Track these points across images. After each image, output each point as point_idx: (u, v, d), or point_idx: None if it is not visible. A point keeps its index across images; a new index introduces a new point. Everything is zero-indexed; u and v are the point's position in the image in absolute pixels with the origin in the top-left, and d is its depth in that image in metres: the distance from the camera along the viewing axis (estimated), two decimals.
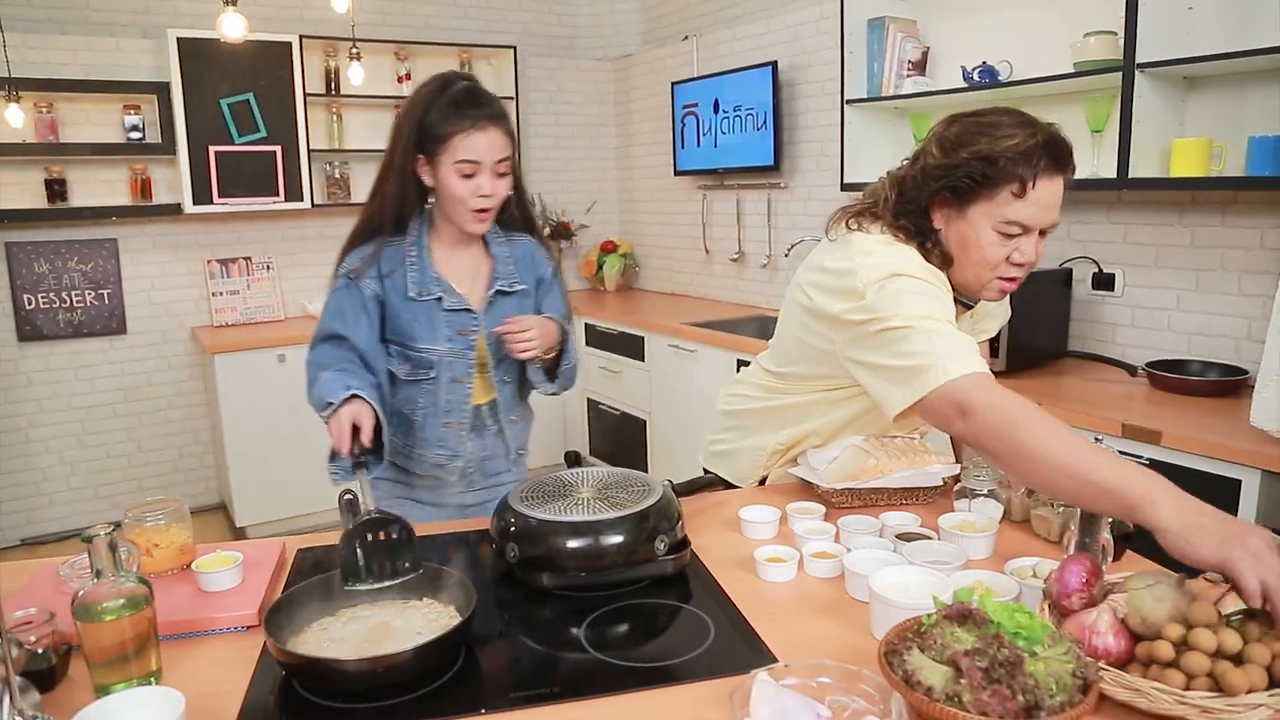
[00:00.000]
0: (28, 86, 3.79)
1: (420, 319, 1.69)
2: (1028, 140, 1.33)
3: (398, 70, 4.68)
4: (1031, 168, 1.33)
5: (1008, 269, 1.42)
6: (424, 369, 1.71)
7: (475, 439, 1.79)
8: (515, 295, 1.77)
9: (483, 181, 1.62)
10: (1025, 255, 1.40)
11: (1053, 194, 1.36)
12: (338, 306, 1.67)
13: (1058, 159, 1.35)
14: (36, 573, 1.38)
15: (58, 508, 4.22)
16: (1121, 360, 2.68)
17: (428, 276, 1.69)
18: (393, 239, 1.69)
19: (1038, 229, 1.39)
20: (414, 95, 1.66)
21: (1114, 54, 2.49)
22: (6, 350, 4.05)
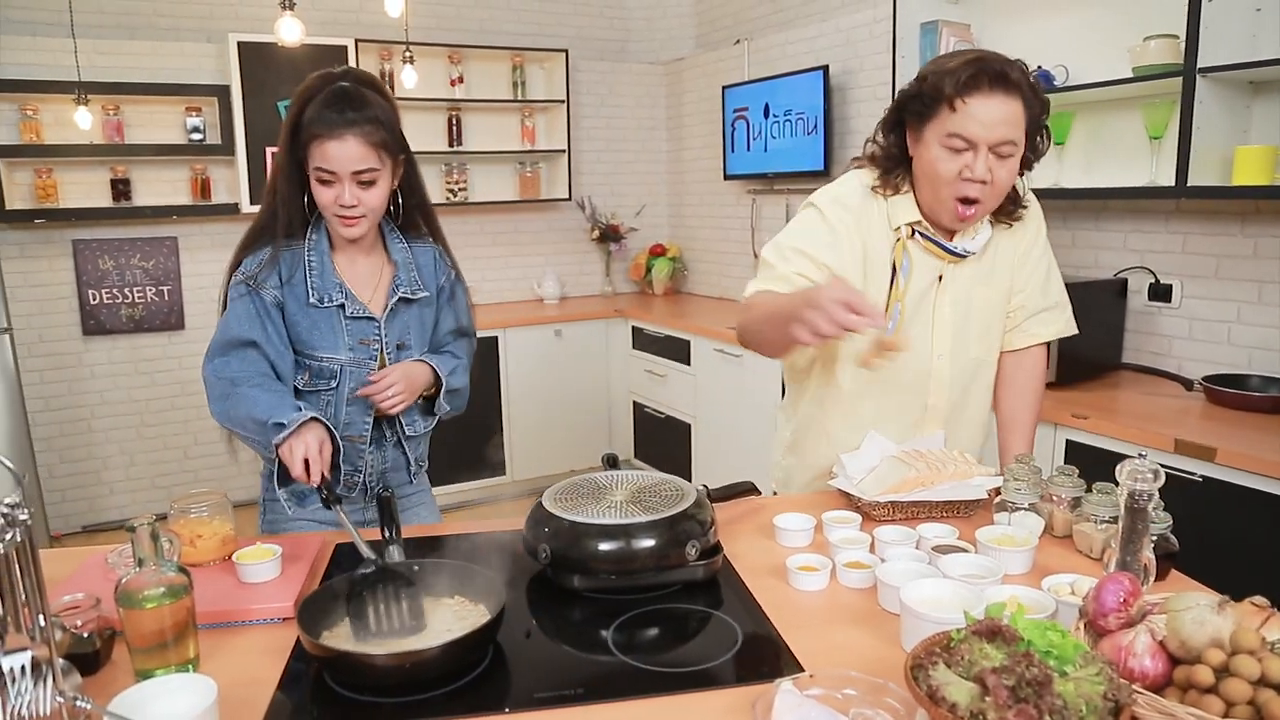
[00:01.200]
0: (96, 90, 3.93)
1: (321, 326, 1.61)
2: (960, 60, 1.48)
3: (451, 73, 4.75)
4: (956, 82, 1.46)
5: (960, 186, 1.51)
6: (324, 379, 1.63)
7: (375, 451, 1.72)
8: (417, 303, 1.71)
9: (341, 191, 1.53)
10: (975, 171, 1.48)
11: (992, 110, 1.46)
12: (245, 311, 1.57)
13: (985, 75, 1.46)
14: (86, 560, 1.42)
15: (117, 496, 4.36)
16: (1177, 374, 2.60)
17: (329, 282, 1.61)
18: (290, 242, 1.61)
19: (983, 144, 1.47)
20: (297, 90, 1.56)
21: (1175, 58, 2.43)
22: (71, 344, 4.19)
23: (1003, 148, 1.48)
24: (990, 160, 1.48)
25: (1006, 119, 1.46)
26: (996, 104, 1.45)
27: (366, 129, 1.52)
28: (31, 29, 3.98)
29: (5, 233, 3.95)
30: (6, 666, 0.87)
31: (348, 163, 1.52)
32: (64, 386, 4.21)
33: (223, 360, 1.57)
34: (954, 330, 1.69)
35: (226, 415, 1.53)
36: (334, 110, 1.51)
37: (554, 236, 5.33)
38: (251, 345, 1.57)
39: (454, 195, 4.89)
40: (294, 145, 1.55)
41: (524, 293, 5.26)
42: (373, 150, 1.53)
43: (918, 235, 1.64)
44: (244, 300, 1.58)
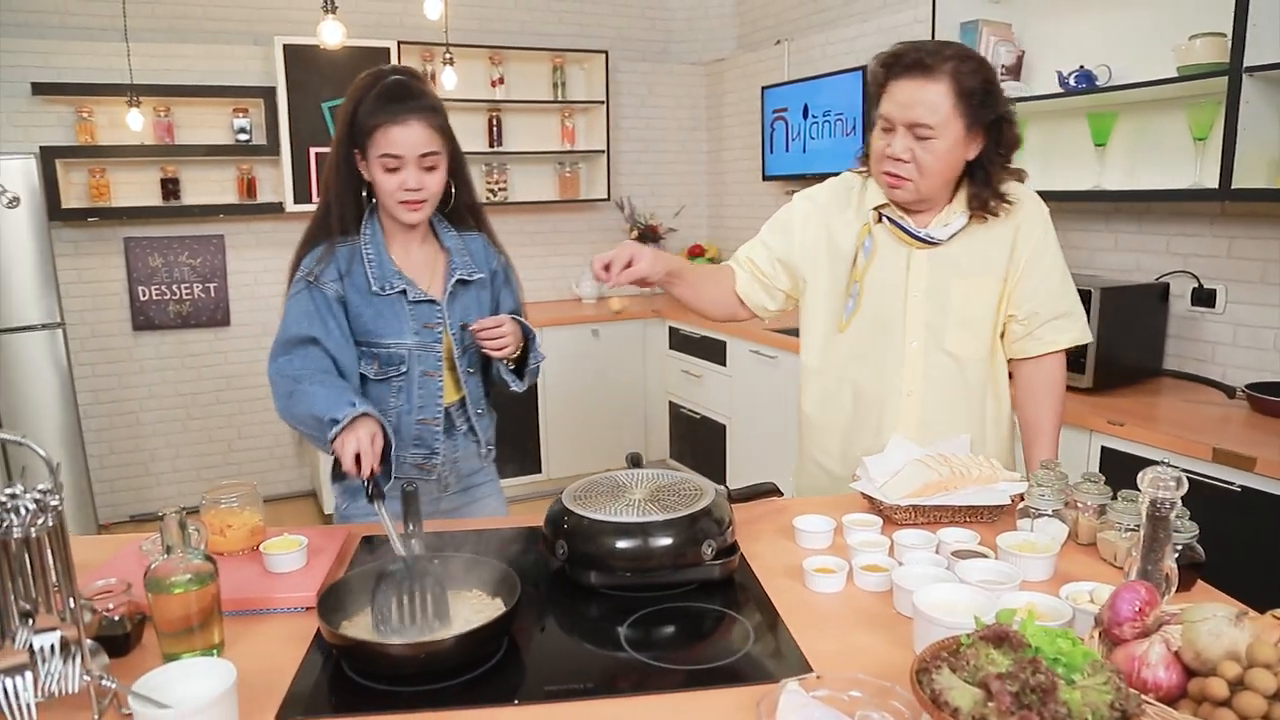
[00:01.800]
0: (147, 92, 4.04)
1: (385, 314, 1.66)
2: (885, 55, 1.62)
3: (492, 74, 4.80)
4: (884, 70, 1.61)
5: (886, 163, 1.63)
6: (393, 365, 1.68)
7: (448, 440, 1.76)
8: (474, 285, 1.75)
9: (407, 176, 1.59)
10: (893, 149, 1.60)
11: (907, 93, 1.57)
12: (302, 310, 1.62)
13: (898, 64, 1.58)
14: (123, 547, 1.47)
15: (163, 487, 4.48)
16: (1220, 381, 2.54)
17: (388, 271, 1.66)
18: (346, 239, 1.66)
19: (899, 124, 1.58)
20: (348, 92, 1.63)
21: (1221, 57, 2.37)
22: (122, 339, 4.32)
23: (918, 129, 1.56)
24: (908, 140, 1.58)
25: (921, 101, 1.55)
26: (911, 87, 1.56)
27: (427, 114, 1.59)
28: (89, 34, 4.10)
29: (60, 230, 4.08)
30: (37, 645, 0.91)
31: (414, 146, 1.58)
32: (114, 380, 4.33)
33: (286, 359, 1.61)
34: (927, 319, 1.71)
35: (290, 413, 1.57)
36: (396, 100, 1.58)
37: (593, 236, 5.36)
38: (312, 342, 1.61)
39: (494, 195, 4.94)
40: (349, 142, 1.61)
41: (562, 292, 5.30)
42: (435, 134, 1.60)
43: (885, 219, 1.71)
44: (303, 297, 1.63)
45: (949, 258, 1.70)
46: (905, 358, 1.73)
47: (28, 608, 0.91)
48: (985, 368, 1.75)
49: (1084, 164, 2.89)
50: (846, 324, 1.76)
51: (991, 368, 1.76)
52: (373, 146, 1.58)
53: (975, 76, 1.56)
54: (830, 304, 1.79)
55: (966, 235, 1.69)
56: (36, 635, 0.91)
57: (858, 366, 1.77)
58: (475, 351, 1.74)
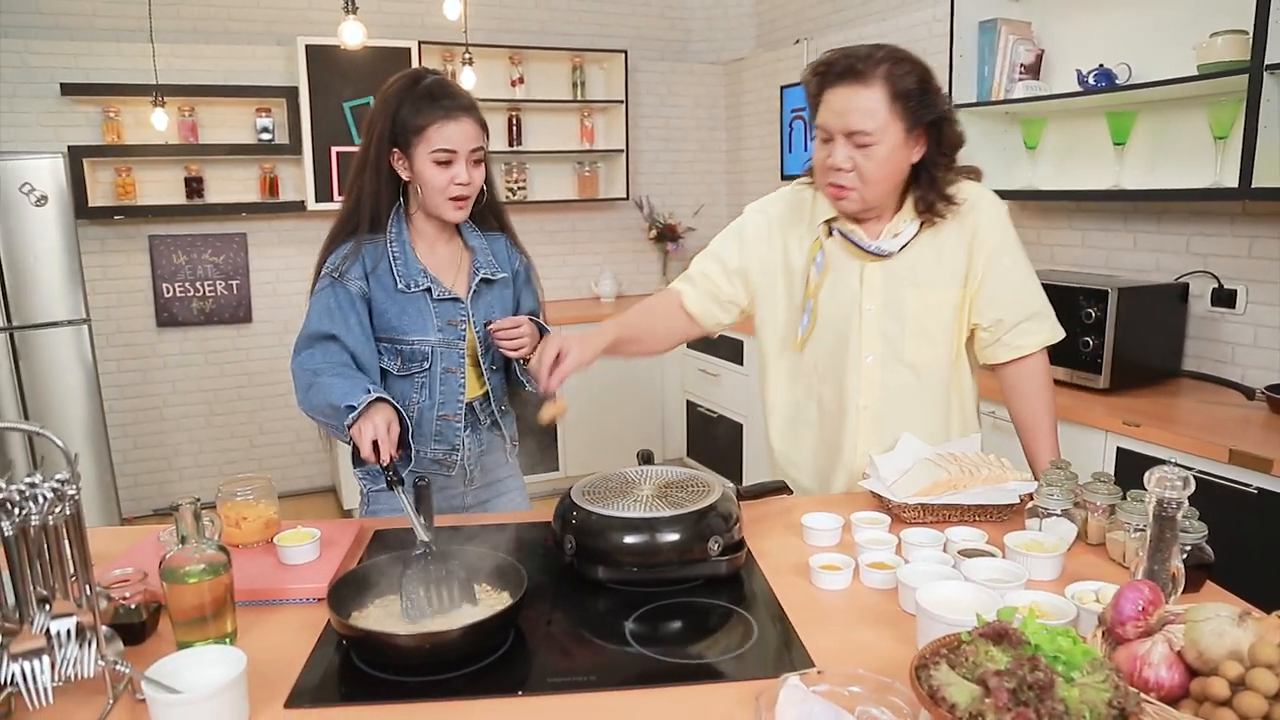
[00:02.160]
0: (172, 92, 4.10)
1: (410, 311, 1.69)
2: (816, 65, 1.59)
3: (511, 74, 4.83)
4: (817, 82, 1.59)
5: (829, 174, 1.60)
6: (416, 362, 1.71)
7: (471, 435, 1.80)
8: (497, 284, 1.79)
9: (458, 170, 1.63)
10: (834, 159, 1.57)
11: (842, 101, 1.54)
12: (325, 307, 1.65)
13: (838, 71, 1.55)
14: (142, 538, 1.50)
15: (186, 482, 4.54)
16: (1240, 383, 2.52)
17: (414, 269, 1.69)
18: (372, 236, 1.69)
19: (838, 133, 1.56)
20: (385, 91, 1.66)
21: (1243, 55, 2.34)
22: (146, 335, 4.39)
23: (857, 137, 1.53)
24: (849, 149, 1.55)
25: (858, 109, 1.52)
26: (845, 95, 1.53)
27: (474, 112, 1.66)
28: (116, 35, 4.17)
29: (87, 228, 4.14)
30: (54, 630, 0.94)
31: (467, 141, 1.63)
32: (138, 376, 4.40)
33: (308, 353, 1.64)
34: (882, 332, 1.68)
35: (309, 405, 1.60)
36: (445, 98, 1.63)
37: (611, 235, 5.37)
38: (331, 338, 1.64)
39: (513, 194, 4.96)
40: (389, 141, 1.64)
41: (581, 291, 5.32)
42: (481, 130, 1.67)
43: (836, 233, 1.69)
44: (326, 294, 1.66)
45: (903, 268, 1.67)
46: (862, 371, 1.70)
47: (45, 594, 0.94)
48: (946, 376, 1.72)
49: (1103, 163, 2.87)
50: (801, 343, 1.74)
51: (955, 375, 1.73)
52: (423, 143, 1.61)
53: (910, 78, 1.53)
54: (786, 321, 1.78)
55: (919, 244, 1.66)
56: (53, 621, 0.93)
57: (817, 384, 1.76)
58: (499, 351, 1.77)
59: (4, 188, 3.53)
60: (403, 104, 1.62)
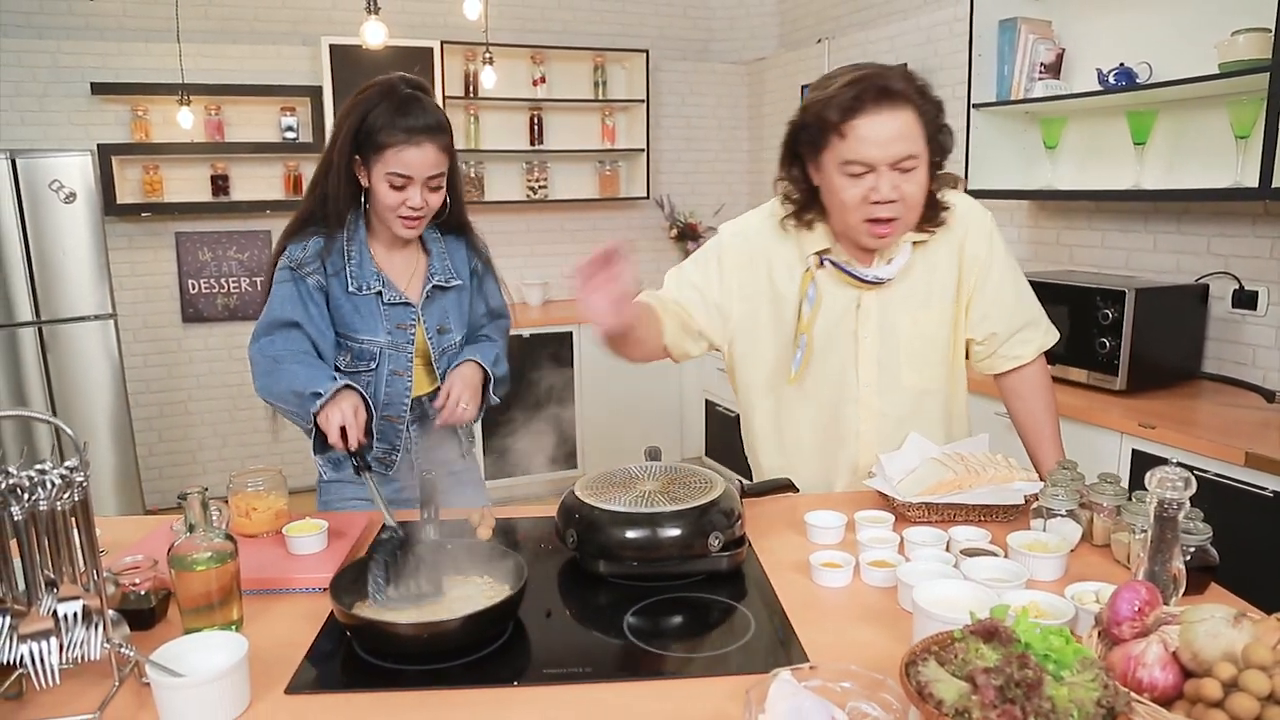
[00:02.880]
0: (198, 91, 4.17)
1: (361, 311, 1.70)
2: (839, 85, 1.43)
3: (533, 74, 4.85)
4: (839, 110, 1.41)
5: (870, 209, 1.47)
6: (364, 360, 1.72)
7: (419, 429, 1.80)
8: (452, 290, 1.79)
9: (412, 194, 1.61)
10: (880, 193, 1.44)
11: (881, 128, 1.41)
12: (288, 294, 1.66)
13: (869, 94, 1.40)
14: (156, 528, 1.53)
15: (210, 475, 4.61)
16: (1260, 385, 2.48)
17: (367, 271, 1.70)
18: (331, 233, 1.69)
19: (882, 165, 1.43)
20: (356, 95, 1.63)
21: (1264, 53, 2.31)
22: (172, 330, 4.46)
23: (904, 163, 1.43)
24: (894, 178, 1.44)
25: (901, 134, 1.41)
26: (885, 121, 1.41)
27: (438, 135, 1.61)
28: (145, 36, 4.24)
29: (115, 225, 4.22)
30: (61, 613, 0.96)
31: (424, 168, 1.60)
32: (164, 370, 4.48)
33: (268, 340, 1.66)
34: (879, 359, 1.64)
35: (269, 391, 1.63)
36: (409, 117, 1.58)
37: (632, 234, 5.39)
38: (294, 326, 1.66)
39: (534, 193, 4.99)
40: (352, 148, 1.62)
41: None
42: (444, 155, 1.63)
43: (827, 264, 1.60)
44: (288, 285, 1.67)
45: (898, 293, 1.62)
46: (860, 399, 1.67)
47: (52, 577, 0.96)
48: (942, 395, 1.70)
49: (1123, 163, 2.84)
50: (796, 377, 1.67)
51: (949, 393, 1.71)
52: (380, 162, 1.59)
53: (925, 94, 1.45)
54: (775, 355, 1.70)
55: (912, 265, 1.61)
56: (60, 603, 0.96)
57: (813, 413, 1.71)
58: (455, 354, 1.78)
59: (34, 185, 3.61)
60: (369, 114, 1.59)
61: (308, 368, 1.60)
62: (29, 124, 4.09)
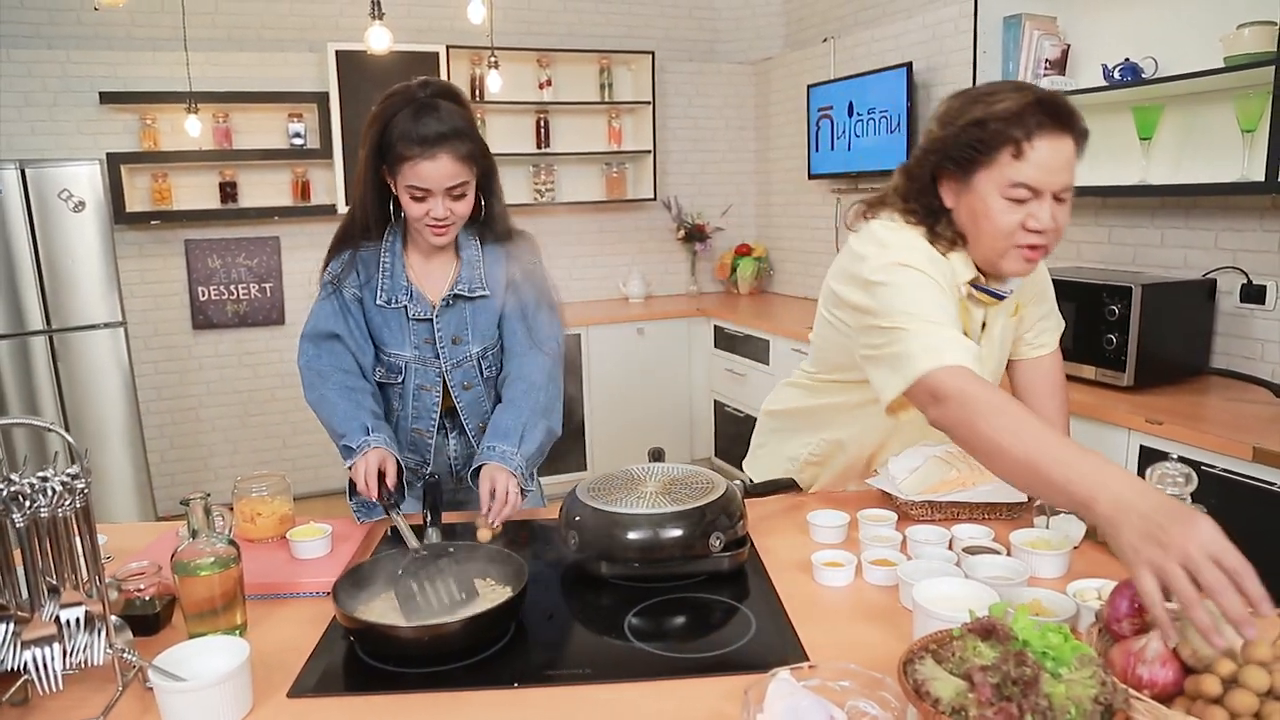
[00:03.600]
0: (205, 99, 4.19)
1: (390, 325, 1.72)
2: (1020, 101, 1.33)
3: (539, 76, 4.87)
4: (1023, 126, 1.32)
5: (1025, 236, 1.38)
6: (394, 373, 1.74)
7: (457, 438, 1.81)
8: (476, 300, 1.73)
9: (434, 205, 1.59)
10: (1040, 221, 1.36)
11: (1056, 154, 1.33)
12: (329, 309, 1.70)
13: (1054, 115, 1.33)
14: (162, 533, 1.55)
15: (222, 481, 4.63)
16: (1269, 380, 2.46)
17: (398, 285, 1.70)
18: (369, 244, 1.71)
19: (1048, 192, 1.35)
20: (380, 103, 1.60)
21: (1270, 46, 2.30)
22: (182, 337, 4.49)
23: (1063, 193, 1.37)
24: (1054, 208, 1.36)
25: (1068, 162, 1.35)
26: (1059, 146, 1.33)
27: (455, 144, 1.56)
28: (153, 44, 4.27)
29: (124, 233, 4.25)
30: (64, 618, 0.97)
31: (441, 180, 1.57)
32: (175, 378, 4.51)
33: (314, 353, 1.70)
34: (993, 369, 1.62)
35: (316, 406, 1.67)
36: (423, 128, 1.55)
37: (640, 236, 5.39)
38: (336, 338, 1.69)
39: (541, 196, 5.00)
40: (378, 157, 1.61)
41: (609, 291, 5.34)
42: (463, 164, 1.58)
43: (974, 291, 1.51)
44: (328, 299, 1.71)
45: (1002, 304, 1.58)
46: None
47: (54, 583, 0.97)
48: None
49: (1129, 158, 2.83)
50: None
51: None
52: (400, 175, 1.58)
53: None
54: None
55: None
56: (62, 609, 0.97)
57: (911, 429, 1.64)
58: (472, 368, 1.76)
59: (44, 194, 3.64)
60: (391, 123, 1.58)
61: (346, 401, 1.63)
62: (39, 134, 4.13)
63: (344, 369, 1.69)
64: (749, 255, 5.35)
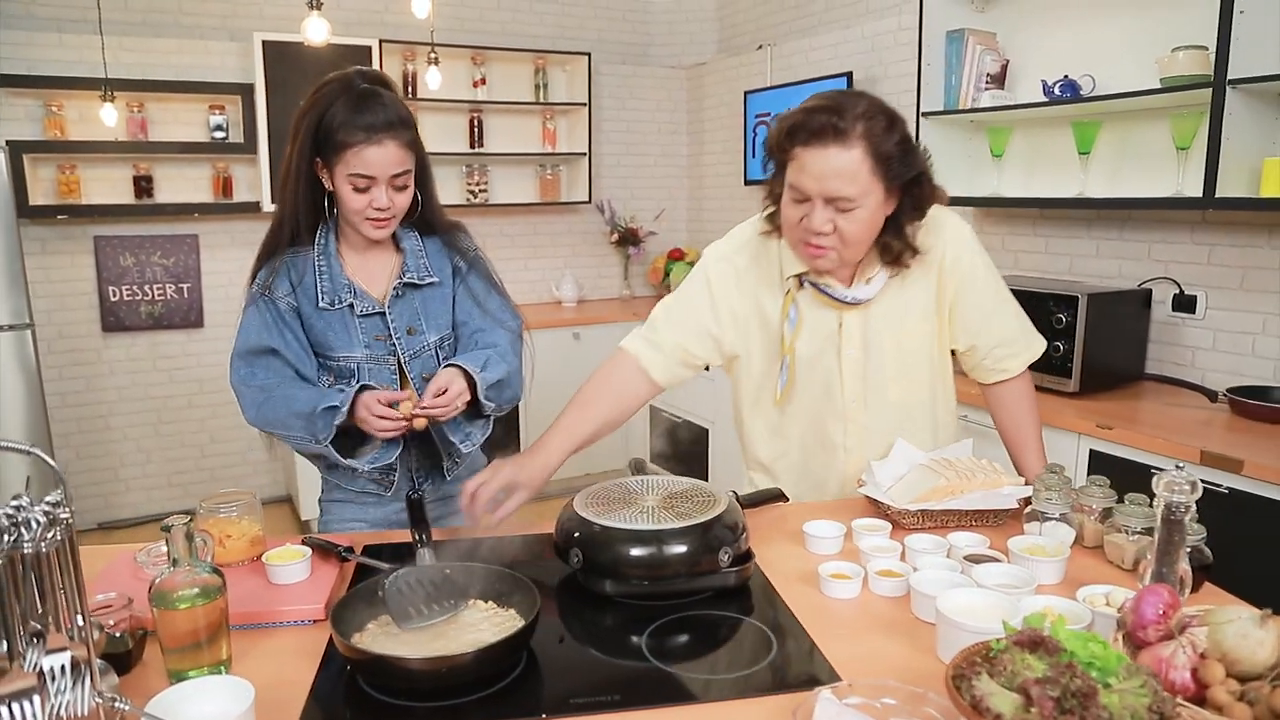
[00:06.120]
0: (121, 87, 3.95)
1: (335, 327, 1.63)
2: (798, 111, 1.47)
3: (473, 75, 4.76)
4: (789, 134, 1.46)
5: (805, 234, 1.50)
6: (345, 379, 1.64)
7: (417, 447, 1.72)
8: (425, 288, 1.69)
9: (377, 195, 1.54)
10: (812, 223, 1.47)
11: (819, 163, 1.43)
12: (260, 321, 1.60)
13: (810, 128, 1.42)
14: (115, 558, 1.42)
15: (133, 494, 4.37)
16: (1202, 385, 2.58)
17: (339, 284, 1.62)
18: (301, 248, 1.63)
19: (818, 198, 1.45)
20: (313, 94, 1.55)
21: (1204, 69, 2.41)
22: (91, 340, 4.22)
23: (839, 202, 1.43)
24: (831, 213, 1.45)
25: (838, 172, 1.41)
26: (825, 156, 1.41)
27: (400, 131, 1.53)
28: (58, 25, 4.00)
29: (28, 228, 3.96)
30: (47, 666, 0.87)
31: (388, 167, 1.53)
32: (82, 383, 4.23)
33: (249, 370, 1.60)
34: (865, 375, 1.65)
35: (264, 421, 1.56)
36: (369, 115, 1.50)
37: (573, 239, 5.33)
38: (272, 353, 1.59)
39: (474, 197, 4.90)
40: (311, 150, 1.54)
41: (542, 295, 5.27)
42: (407, 151, 1.55)
43: (807, 285, 1.61)
44: (258, 309, 1.61)
45: (880, 311, 1.63)
46: (846, 414, 1.68)
47: (38, 627, 0.87)
48: (928, 406, 1.71)
49: (1068, 172, 2.93)
50: (782, 397, 1.68)
51: (935, 403, 1.72)
52: (341, 164, 1.52)
53: (889, 138, 1.42)
54: (763, 377, 1.72)
55: (891, 284, 1.62)
56: (47, 656, 0.87)
57: (800, 429, 1.72)
58: (430, 358, 1.70)
59: None
60: (326, 114, 1.51)
61: (305, 390, 1.54)
62: None
63: (290, 378, 1.59)
64: (682, 260, 5.35)
